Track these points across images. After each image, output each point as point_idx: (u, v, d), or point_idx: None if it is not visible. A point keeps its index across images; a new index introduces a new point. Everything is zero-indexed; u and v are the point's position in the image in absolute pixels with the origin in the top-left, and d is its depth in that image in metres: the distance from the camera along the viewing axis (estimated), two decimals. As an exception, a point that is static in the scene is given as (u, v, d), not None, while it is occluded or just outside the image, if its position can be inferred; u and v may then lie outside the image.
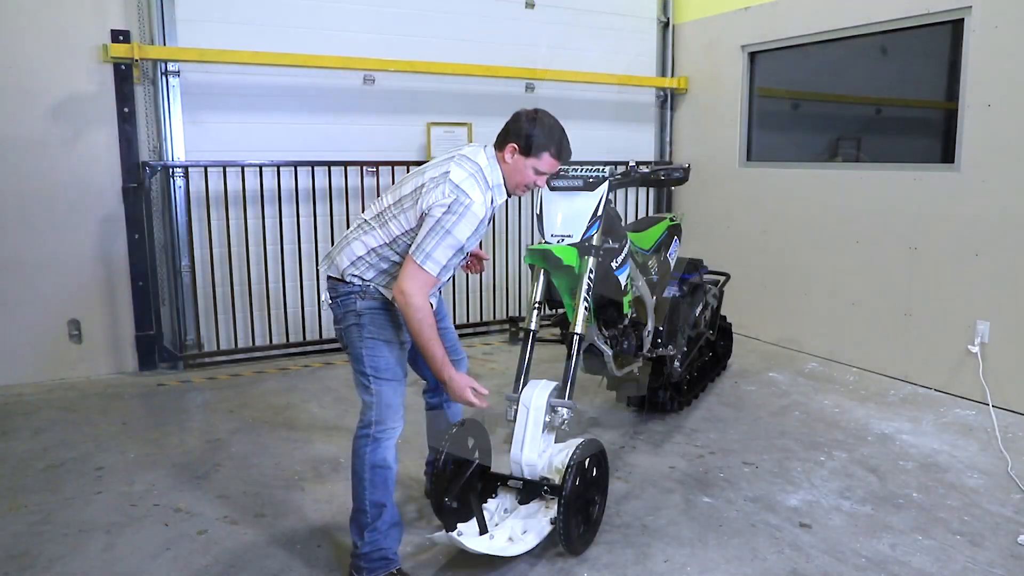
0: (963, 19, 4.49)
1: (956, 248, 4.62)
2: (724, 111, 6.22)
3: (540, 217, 3.19)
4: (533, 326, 3.12)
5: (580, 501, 2.79)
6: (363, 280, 2.65)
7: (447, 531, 2.61)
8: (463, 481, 2.88)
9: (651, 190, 6.89)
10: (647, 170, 3.39)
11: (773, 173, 5.84)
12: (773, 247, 5.87)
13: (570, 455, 2.76)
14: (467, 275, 6.03)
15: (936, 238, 4.72)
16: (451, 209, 2.52)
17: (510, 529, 2.72)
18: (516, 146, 2.68)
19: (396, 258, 2.65)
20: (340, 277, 2.68)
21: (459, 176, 2.57)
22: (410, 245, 2.57)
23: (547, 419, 2.88)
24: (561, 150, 2.72)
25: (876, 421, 4.24)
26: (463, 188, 2.54)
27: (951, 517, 3.16)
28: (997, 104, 4.35)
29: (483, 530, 2.67)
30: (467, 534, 2.64)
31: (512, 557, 2.69)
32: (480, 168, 2.64)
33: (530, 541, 2.68)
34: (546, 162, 2.71)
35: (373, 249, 2.66)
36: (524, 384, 2.99)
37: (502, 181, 2.71)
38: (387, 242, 2.65)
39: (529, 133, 2.66)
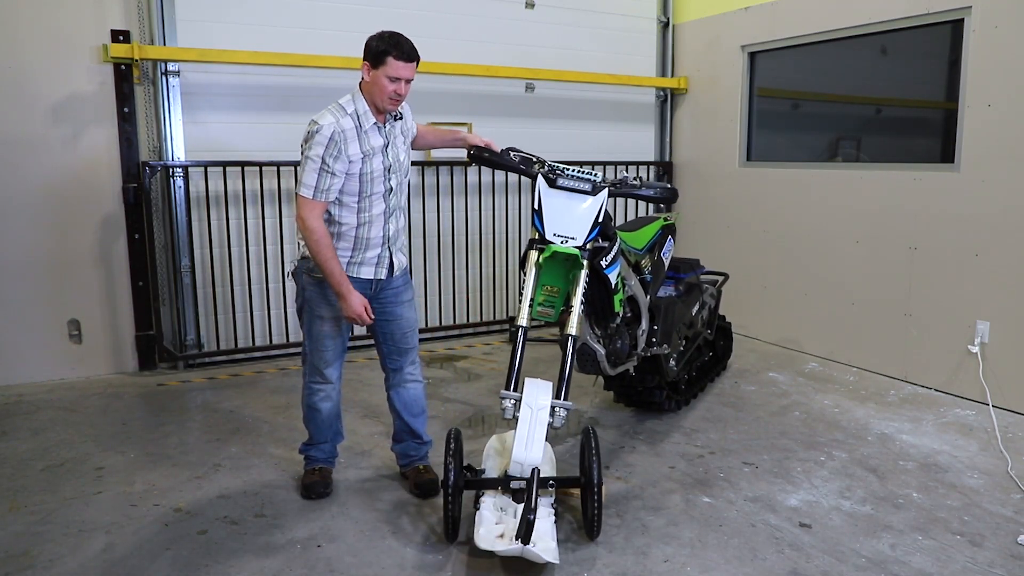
0: (963, 19, 4.50)
1: (956, 248, 4.62)
2: (724, 111, 6.22)
3: (539, 212, 3.18)
4: (524, 323, 3.12)
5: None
6: (302, 258, 3.12)
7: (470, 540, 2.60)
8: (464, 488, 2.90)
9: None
10: (637, 183, 3.40)
11: (773, 173, 5.84)
12: (773, 247, 5.87)
13: (586, 449, 2.87)
14: (467, 275, 6.07)
15: (936, 238, 4.72)
16: (306, 140, 2.93)
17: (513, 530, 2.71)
18: (367, 64, 2.94)
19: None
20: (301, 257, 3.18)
21: (315, 116, 2.95)
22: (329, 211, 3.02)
23: (550, 419, 2.90)
24: (402, 51, 2.91)
25: (876, 421, 4.25)
26: (314, 119, 2.93)
27: (951, 517, 3.16)
28: (997, 104, 4.35)
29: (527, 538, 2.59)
30: (485, 537, 2.64)
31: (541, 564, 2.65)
32: (339, 104, 2.98)
33: (552, 544, 2.65)
34: (393, 66, 2.90)
35: None
36: (516, 381, 3.01)
37: (368, 107, 2.99)
38: None
39: (370, 47, 2.93)
